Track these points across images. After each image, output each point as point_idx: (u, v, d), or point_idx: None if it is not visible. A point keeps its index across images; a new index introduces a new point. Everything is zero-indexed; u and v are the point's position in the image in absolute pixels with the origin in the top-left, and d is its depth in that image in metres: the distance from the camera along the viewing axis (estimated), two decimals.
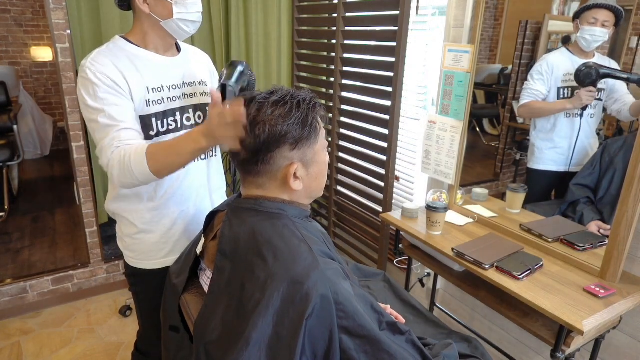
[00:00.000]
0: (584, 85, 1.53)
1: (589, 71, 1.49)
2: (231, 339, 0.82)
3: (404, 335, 0.91)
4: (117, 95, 1.12)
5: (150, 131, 1.20)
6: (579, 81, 1.52)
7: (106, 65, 1.13)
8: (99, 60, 1.13)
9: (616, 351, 1.48)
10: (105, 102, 1.10)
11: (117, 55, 1.17)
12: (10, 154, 3.62)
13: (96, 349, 2.19)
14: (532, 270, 1.32)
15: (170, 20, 1.18)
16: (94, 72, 1.11)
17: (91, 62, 1.12)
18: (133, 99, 1.16)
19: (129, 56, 1.18)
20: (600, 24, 1.48)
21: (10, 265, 2.74)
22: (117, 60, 1.15)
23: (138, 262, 1.33)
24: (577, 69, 1.51)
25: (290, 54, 2.70)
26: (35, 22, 4.99)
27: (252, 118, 0.87)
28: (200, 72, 1.35)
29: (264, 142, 0.86)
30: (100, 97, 1.10)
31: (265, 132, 0.86)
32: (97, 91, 1.10)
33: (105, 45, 1.20)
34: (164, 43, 1.24)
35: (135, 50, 1.20)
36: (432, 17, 2.15)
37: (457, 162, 1.76)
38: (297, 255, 0.84)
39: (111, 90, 1.11)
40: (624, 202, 1.22)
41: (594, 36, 1.50)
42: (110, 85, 1.11)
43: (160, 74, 1.22)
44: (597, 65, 1.49)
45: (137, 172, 1.05)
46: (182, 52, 1.33)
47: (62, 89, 2.19)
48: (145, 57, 1.21)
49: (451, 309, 2.05)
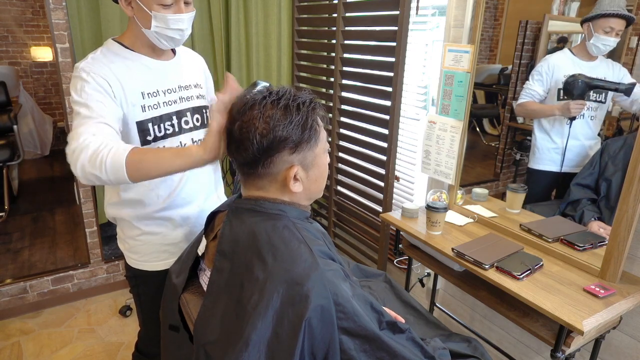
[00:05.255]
0: (572, 98, 1.51)
1: (575, 84, 1.46)
2: (230, 340, 0.82)
3: (404, 333, 0.91)
4: (104, 95, 1.10)
5: (148, 136, 1.19)
6: (567, 93, 1.50)
7: (102, 68, 1.11)
8: (94, 64, 1.12)
9: (616, 351, 1.48)
10: (90, 98, 1.07)
11: (112, 60, 1.15)
12: (10, 154, 3.62)
13: (96, 349, 2.19)
14: (532, 270, 1.32)
15: (148, 31, 1.14)
16: (88, 71, 1.09)
17: (86, 64, 1.11)
18: (128, 105, 1.14)
19: (124, 61, 1.16)
20: (615, 33, 1.45)
21: (10, 265, 2.74)
22: (112, 65, 1.14)
23: (141, 263, 1.33)
24: (565, 80, 1.49)
25: (290, 54, 2.70)
26: (35, 22, 4.99)
27: (252, 122, 0.87)
28: (195, 75, 1.34)
29: (265, 147, 0.86)
30: (87, 92, 1.07)
31: (265, 137, 0.85)
32: (84, 87, 1.07)
33: (99, 50, 1.17)
34: (155, 47, 1.21)
35: (130, 55, 1.18)
36: (432, 17, 2.15)
37: (457, 162, 1.76)
38: (296, 256, 0.84)
39: (100, 88, 1.09)
40: (624, 202, 1.22)
41: (607, 45, 1.48)
42: (100, 84, 1.09)
43: (155, 79, 1.21)
44: (584, 77, 1.46)
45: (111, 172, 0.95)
46: (177, 55, 1.30)
47: (62, 89, 2.19)
48: (139, 62, 1.19)
49: (451, 309, 2.05)
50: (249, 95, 0.90)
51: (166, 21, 1.12)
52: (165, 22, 1.12)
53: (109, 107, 1.09)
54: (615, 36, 1.46)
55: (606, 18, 1.45)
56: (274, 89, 0.91)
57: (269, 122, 0.85)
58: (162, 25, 1.12)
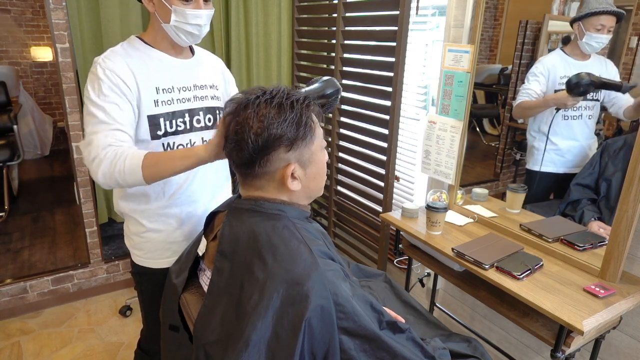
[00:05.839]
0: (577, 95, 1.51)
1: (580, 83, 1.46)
2: (230, 340, 0.82)
3: (404, 333, 0.91)
4: (120, 96, 1.13)
5: (158, 131, 1.21)
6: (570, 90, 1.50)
7: (117, 63, 1.14)
8: (111, 58, 1.15)
9: (616, 351, 1.48)
10: (107, 100, 1.11)
11: (131, 54, 1.19)
12: (10, 154, 3.62)
13: (96, 349, 2.19)
14: (532, 270, 1.32)
15: (168, 25, 1.18)
16: (104, 68, 1.13)
17: (103, 59, 1.14)
18: (141, 99, 1.17)
19: (142, 56, 1.20)
20: (607, 30, 1.46)
21: (10, 265, 2.74)
22: (129, 59, 1.17)
23: (145, 260, 1.34)
24: (569, 79, 1.49)
25: (290, 54, 2.70)
26: (35, 22, 4.99)
27: (246, 122, 0.87)
28: (212, 76, 1.36)
29: (260, 145, 0.86)
30: (104, 92, 1.11)
31: (260, 135, 0.86)
32: (102, 86, 1.11)
33: (120, 44, 1.22)
34: (174, 45, 1.25)
35: (149, 51, 1.22)
36: (432, 17, 2.15)
37: (457, 162, 1.76)
38: (296, 256, 0.84)
39: (116, 88, 1.12)
40: (624, 202, 1.22)
41: (600, 43, 1.49)
42: (116, 83, 1.13)
43: (171, 75, 1.24)
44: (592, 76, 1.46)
45: (130, 177, 1.06)
46: (196, 55, 1.34)
47: (62, 89, 2.19)
48: (157, 58, 1.22)
49: (451, 309, 2.05)
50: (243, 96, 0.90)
51: (185, 16, 1.16)
52: (184, 17, 1.16)
53: (125, 111, 1.14)
54: (607, 33, 1.47)
55: (596, 16, 1.46)
56: (268, 88, 0.91)
57: (263, 121, 0.86)
58: (181, 20, 1.16)
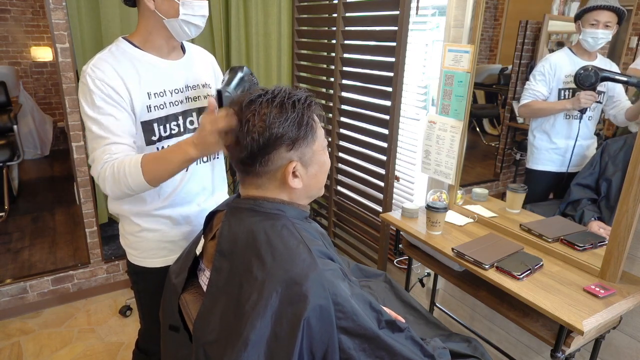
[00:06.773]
0: (583, 89, 1.53)
1: (587, 74, 1.48)
2: (229, 340, 0.82)
3: (403, 332, 0.91)
4: (114, 105, 1.12)
5: (152, 136, 1.20)
6: (578, 84, 1.52)
7: (106, 71, 1.12)
8: (99, 66, 1.12)
9: (616, 351, 1.48)
10: (101, 111, 1.10)
11: (119, 59, 1.15)
12: (10, 154, 3.62)
13: (96, 349, 2.19)
14: (532, 270, 1.32)
15: (174, 20, 1.16)
16: (93, 78, 1.10)
17: (92, 69, 1.12)
18: (133, 105, 1.15)
19: (131, 60, 1.17)
20: (602, 25, 1.47)
21: (10, 265, 2.74)
22: (118, 65, 1.14)
23: (140, 260, 1.34)
24: (576, 72, 1.51)
25: (290, 54, 2.70)
26: (35, 22, 4.99)
27: (248, 121, 0.87)
28: (204, 74, 1.35)
29: (261, 145, 0.86)
30: (97, 105, 1.10)
31: (261, 135, 0.86)
32: (94, 99, 1.10)
33: (108, 48, 1.18)
34: (167, 44, 1.22)
35: (138, 54, 1.19)
36: (432, 17, 2.15)
37: (457, 162, 1.76)
38: (295, 256, 0.84)
39: (108, 99, 1.11)
40: (624, 202, 1.22)
41: (596, 38, 1.50)
42: (107, 93, 1.11)
43: (162, 79, 1.21)
44: (596, 68, 1.48)
45: (133, 183, 1.07)
46: (187, 53, 1.31)
47: (62, 89, 2.19)
48: (147, 62, 1.20)
49: (451, 309, 2.05)
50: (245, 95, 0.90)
51: (193, 7, 1.16)
52: (192, 9, 1.16)
53: (121, 120, 1.13)
54: (603, 28, 1.47)
55: (590, 12, 1.49)
56: (270, 88, 0.91)
57: (265, 120, 0.86)
58: (190, 12, 1.16)
